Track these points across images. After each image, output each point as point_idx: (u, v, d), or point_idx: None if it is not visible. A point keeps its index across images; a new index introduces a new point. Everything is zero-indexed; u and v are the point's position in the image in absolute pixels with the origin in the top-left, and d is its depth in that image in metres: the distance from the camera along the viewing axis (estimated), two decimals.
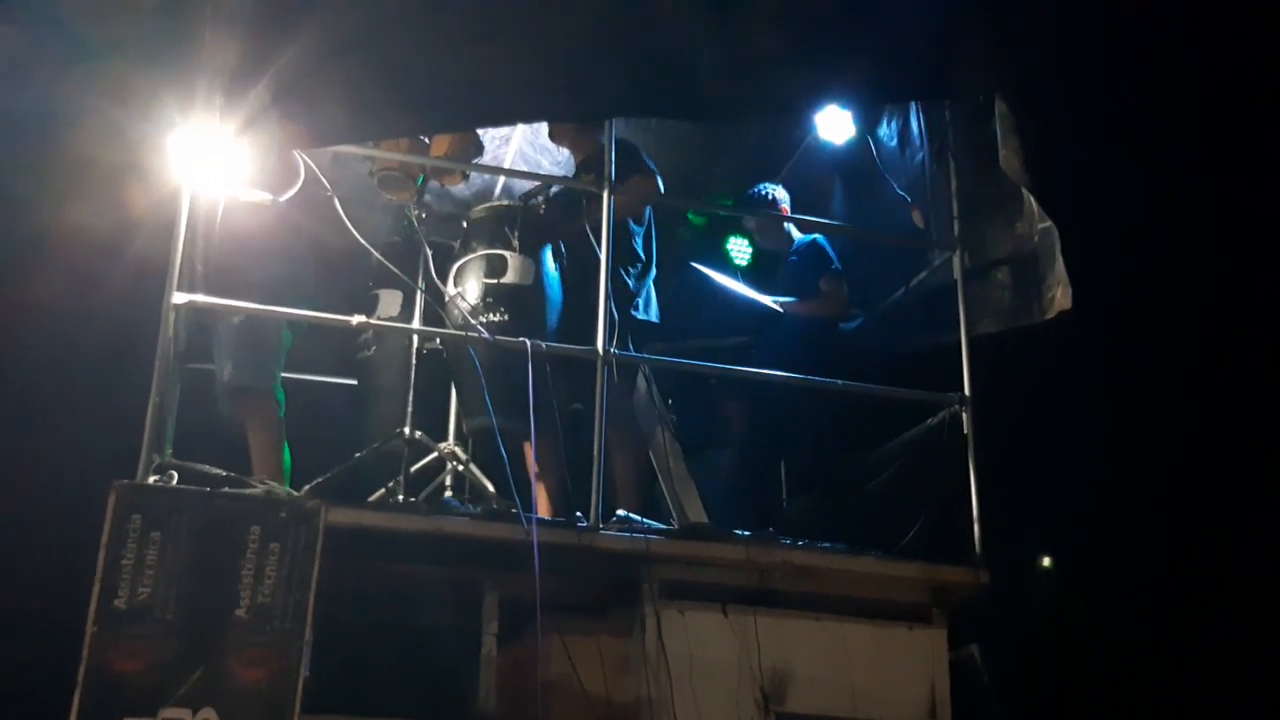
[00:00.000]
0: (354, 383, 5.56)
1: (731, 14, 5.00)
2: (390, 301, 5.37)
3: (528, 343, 4.73)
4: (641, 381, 5.58)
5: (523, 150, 6.26)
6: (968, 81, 5.34)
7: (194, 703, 3.56)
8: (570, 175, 5.69)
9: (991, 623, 4.93)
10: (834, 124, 5.97)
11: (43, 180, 5.13)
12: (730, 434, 6.17)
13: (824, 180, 6.39)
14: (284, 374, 5.00)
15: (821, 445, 5.82)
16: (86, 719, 3.47)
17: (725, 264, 6.44)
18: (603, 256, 4.90)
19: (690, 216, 6.81)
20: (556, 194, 5.41)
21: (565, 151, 5.98)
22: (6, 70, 4.98)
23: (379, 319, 5.28)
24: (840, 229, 6.15)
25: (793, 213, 6.14)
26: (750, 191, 6.15)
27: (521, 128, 6.09)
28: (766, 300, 5.90)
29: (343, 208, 4.93)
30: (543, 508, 4.98)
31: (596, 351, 4.78)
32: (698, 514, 5.55)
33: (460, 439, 5.25)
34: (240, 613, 3.65)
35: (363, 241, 4.91)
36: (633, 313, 5.27)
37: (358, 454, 4.98)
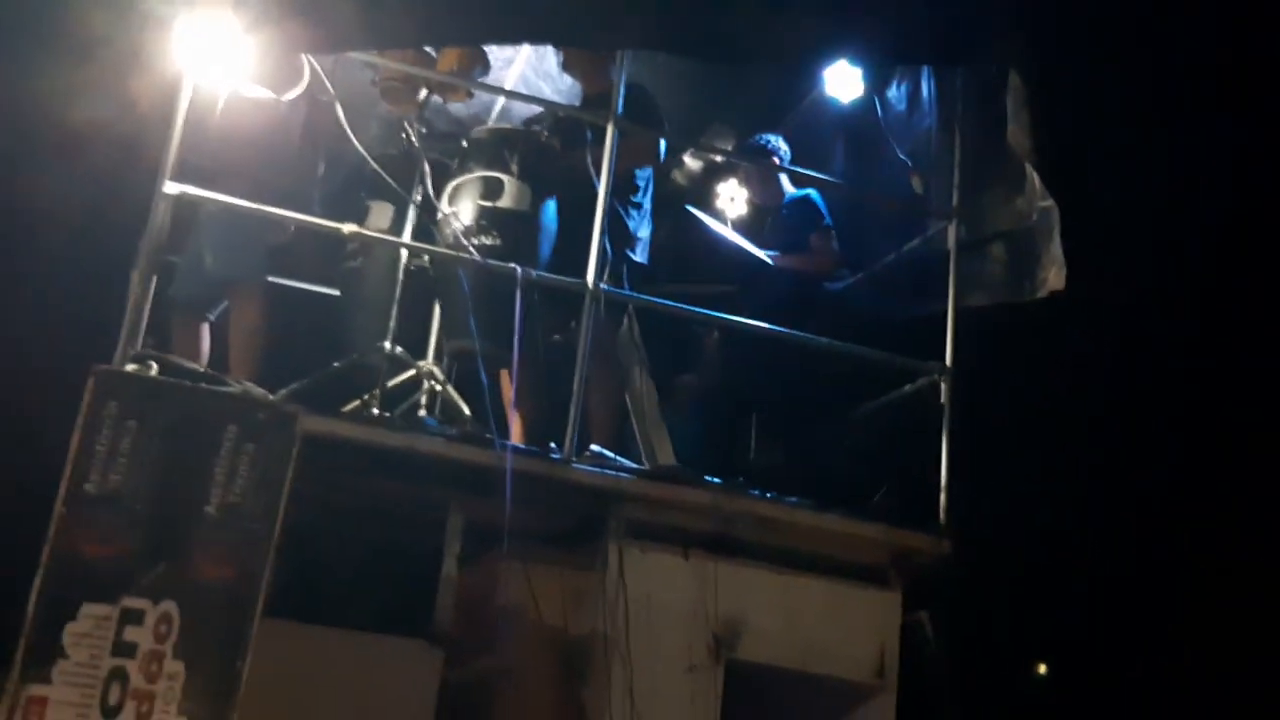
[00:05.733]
0: (337, 293, 5.50)
1: None
2: (381, 214, 5.30)
3: (518, 269, 4.69)
4: (624, 320, 5.55)
5: (525, 75, 6.17)
6: (985, 51, 5.30)
7: (156, 594, 3.53)
8: (577, 106, 5.62)
9: (951, 592, 4.96)
10: (843, 81, 5.88)
11: (44, 51, 5.00)
12: (702, 367, 6.10)
13: (827, 137, 6.33)
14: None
15: (796, 401, 5.81)
16: (48, 600, 3.43)
17: (716, 211, 6.38)
18: (601, 191, 4.85)
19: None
20: (561, 124, 5.34)
21: (569, 81, 5.90)
22: None
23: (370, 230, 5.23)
24: (836, 185, 6.06)
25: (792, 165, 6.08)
26: (752, 140, 6.08)
27: (526, 52, 6.01)
28: (756, 251, 5.86)
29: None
30: (516, 436, 4.97)
31: (586, 285, 4.75)
32: (668, 457, 5.54)
33: (439, 359, 5.20)
34: (210, 510, 3.61)
35: (362, 150, 4.86)
36: (628, 252, 5.23)
37: (336, 364, 4.93)
